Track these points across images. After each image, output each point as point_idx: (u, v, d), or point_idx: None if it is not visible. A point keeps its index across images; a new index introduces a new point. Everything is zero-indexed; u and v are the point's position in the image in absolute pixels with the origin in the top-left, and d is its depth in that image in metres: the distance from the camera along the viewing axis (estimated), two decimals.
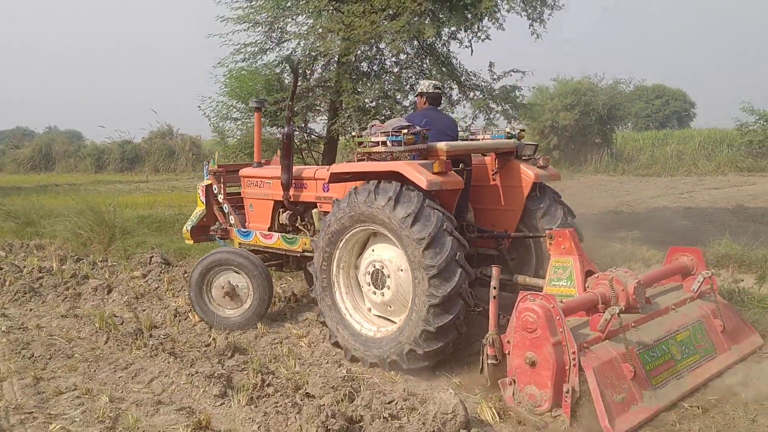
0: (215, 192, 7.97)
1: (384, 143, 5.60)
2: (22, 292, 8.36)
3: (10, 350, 6.19)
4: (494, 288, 4.85)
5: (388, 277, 5.66)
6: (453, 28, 9.39)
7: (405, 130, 5.56)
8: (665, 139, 29.64)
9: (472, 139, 6.47)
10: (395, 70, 10.42)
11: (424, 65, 10.26)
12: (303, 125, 10.90)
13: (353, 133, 6.21)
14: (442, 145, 5.75)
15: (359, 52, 9.69)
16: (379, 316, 5.90)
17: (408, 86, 10.25)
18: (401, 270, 5.57)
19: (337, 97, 10.17)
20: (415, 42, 9.86)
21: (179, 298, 8.01)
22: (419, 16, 8.76)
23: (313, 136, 11.34)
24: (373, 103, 10.43)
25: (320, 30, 9.71)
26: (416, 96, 6.85)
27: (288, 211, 7.13)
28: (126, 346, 6.13)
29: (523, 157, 6.33)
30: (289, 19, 10.19)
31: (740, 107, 25.56)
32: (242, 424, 4.52)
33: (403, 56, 10.08)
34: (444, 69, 9.91)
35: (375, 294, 5.79)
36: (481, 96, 9.78)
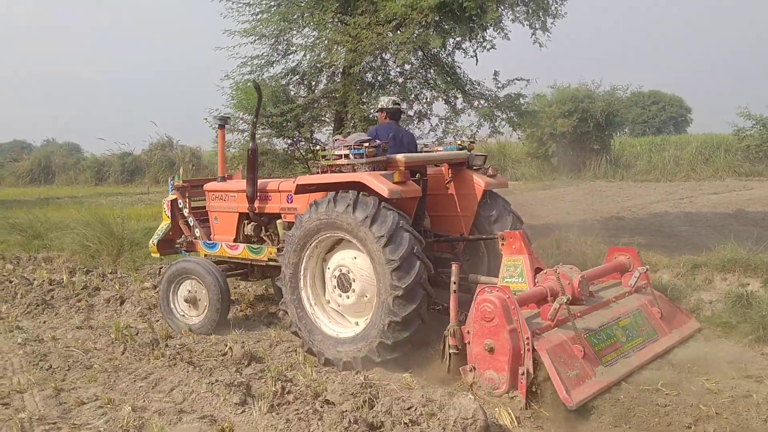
0: (180, 206, 8.28)
1: (347, 156, 5.99)
2: (35, 305, 8.45)
3: (28, 362, 6.24)
4: (454, 283, 5.27)
5: (350, 272, 6.02)
6: (458, 39, 9.51)
7: (366, 144, 5.96)
8: (662, 144, 29.80)
9: (427, 151, 6.92)
10: (400, 80, 10.53)
11: (429, 75, 10.37)
12: (309, 136, 10.99)
13: (317, 147, 6.43)
14: (400, 157, 6.15)
15: (364, 63, 9.80)
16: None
17: (413, 96, 10.36)
18: (355, 258, 5.99)
19: (342, 108, 10.27)
20: (420, 52, 9.98)
21: None
22: (425, 28, 8.87)
23: (318, 147, 11.43)
24: (377, 114, 10.54)
25: (326, 42, 9.82)
26: (377, 111, 7.30)
27: (253, 223, 7.42)
28: (143, 356, 6.20)
29: (474, 167, 6.80)
30: (295, 32, 10.29)
31: (737, 112, 25.81)
32: (265, 431, 4.58)
33: (407, 67, 10.19)
34: (449, 78, 10.02)
35: (349, 297, 6.08)
36: (486, 104, 9.90)
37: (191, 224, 8.17)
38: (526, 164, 28.97)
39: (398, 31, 9.19)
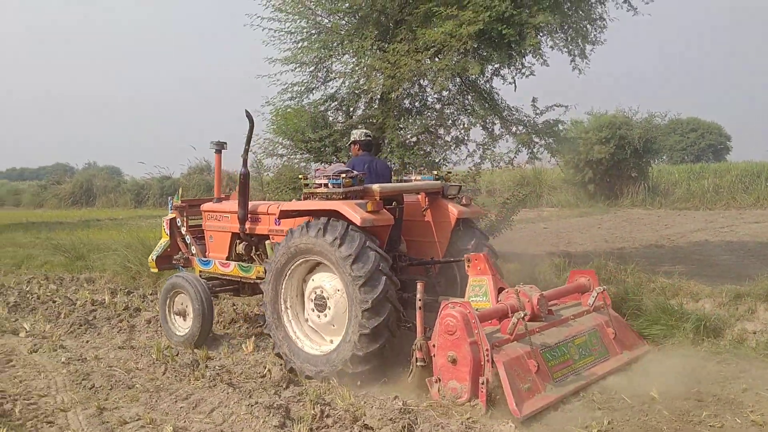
0: (178, 225, 8.74)
1: (326, 185, 6.41)
2: (77, 325, 8.64)
3: (71, 381, 6.36)
4: (419, 300, 5.68)
5: (325, 293, 6.46)
6: (497, 65, 9.55)
7: (344, 175, 6.38)
8: (701, 172, 29.33)
9: (406, 181, 7.46)
10: (437, 106, 10.59)
11: (467, 101, 10.41)
12: (346, 161, 11.09)
13: (299, 176, 7.17)
14: (376, 187, 6.58)
15: (402, 89, 9.88)
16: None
17: (450, 122, 10.39)
18: (328, 279, 6.43)
19: (380, 133, 10.34)
20: (458, 79, 10.04)
21: (230, 330, 8.17)
22: (463, 55, 8.93)
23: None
24: (414, 139, 10.61)
25: (365, 69, 9.94)
26: (350, 144, 7.79)
27: (244, 242, 7.88)
28: (184, 377, 6.28)
29: (449, 196, 7.29)
30: (335, 59, 10.44)
31: None
32: None
33: (445, 93, 10.25)
34: (486, 104, 10.05)
35: (327, 315, 6.47)
36: (524, 130, 9.89)
37: (188, 242, 8.62)
38: (562, 191, 28.76)
39: (437, 58, 9.27)
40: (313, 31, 10.46)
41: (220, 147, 8.48)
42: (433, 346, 5.54)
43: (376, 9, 9.90)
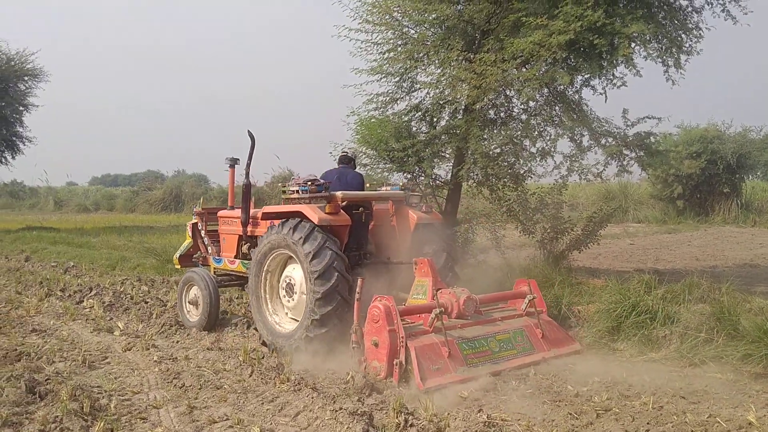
0: (199, 228, 9.92)
1: (297, 191, 7.66)
2: (168, 325, 8.95)
3: (163, 379, 6.58)
4: (357, 293, 6.77)
5: (293, 283, 7.63)
6: (587, 76, 9.35)
7: (310, 182, 7.57)
8: None
9: (376, 190, 8.82)
10: (523, 117, 10.45)
11: (554, 112, 10.22)
12: (429, 171, 11.09)
13: (279, 184, 8.24)
14: (339, 194, 7.80)
15: (487, 99, 9.80)
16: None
17: (536, 133, 10.22)
18: (294, 269, 7.65)
19: (463, 144, 10.29)
20: (545, 89, 9.88)
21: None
22: (552, 65, 8.79)
23: (437, 182, 11.51)
24: (498, 150, 10.49)
25: (450, 79, 9.92)
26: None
27: (247, 243, 8.96)
28: (270, 380, 6.37)
29: (412, 204, 8.45)
30: (420, 70, 10.47)
31: None
32: None
33: (532, 103, 10.10)
34: (575, 115, 9.83)
35: (294, 299, 7.64)
36: (614, 143, 9.63)
37: (206, 243, 9.82)
38: (649, 206, 27.88)
39: (524, 68, 9.16)
40: (400, 42, 10.54)
41: (233, 162, 9.42)
42: (365, 331, 6.58)
43: (463, 19, 9.90)
